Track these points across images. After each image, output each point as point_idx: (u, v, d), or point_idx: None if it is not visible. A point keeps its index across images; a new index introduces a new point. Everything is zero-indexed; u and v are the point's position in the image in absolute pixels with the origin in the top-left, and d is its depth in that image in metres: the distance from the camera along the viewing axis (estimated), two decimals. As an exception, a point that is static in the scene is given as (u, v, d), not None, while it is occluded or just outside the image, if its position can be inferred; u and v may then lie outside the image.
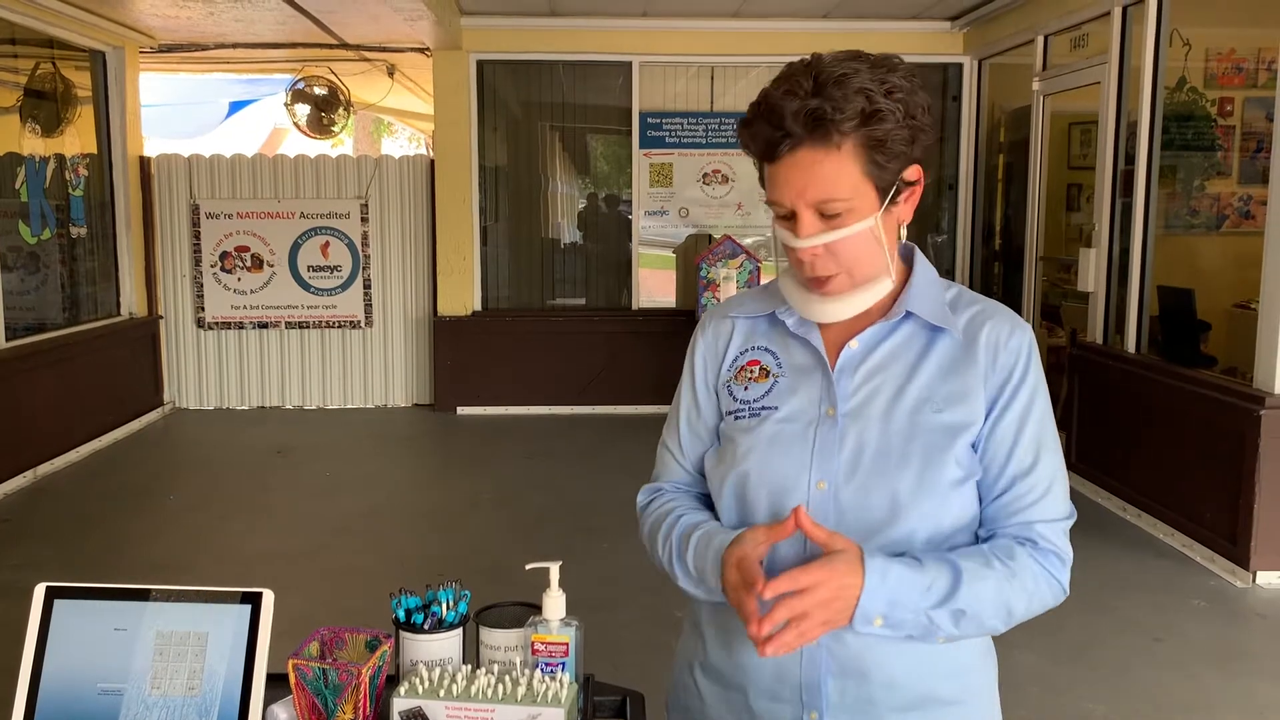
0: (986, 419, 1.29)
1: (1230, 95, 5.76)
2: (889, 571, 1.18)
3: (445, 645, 1.40)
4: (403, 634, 1.41)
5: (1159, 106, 5.36)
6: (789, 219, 1.26)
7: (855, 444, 1.28)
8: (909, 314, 1.32)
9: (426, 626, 1.40)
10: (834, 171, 1.22)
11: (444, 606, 1.43)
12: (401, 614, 1.42)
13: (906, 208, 1.30)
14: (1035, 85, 6.63)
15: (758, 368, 1.38)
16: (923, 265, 1.36)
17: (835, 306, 1.30)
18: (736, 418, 1.37)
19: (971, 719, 1.37)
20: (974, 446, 1.29)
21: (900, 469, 1.26)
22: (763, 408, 1.34)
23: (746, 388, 1.38)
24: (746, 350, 1.41)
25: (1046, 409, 1.32)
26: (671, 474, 1.47)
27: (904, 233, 1.34)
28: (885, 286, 1.30)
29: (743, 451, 1.33)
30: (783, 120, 1.21)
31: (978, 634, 1.28)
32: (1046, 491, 1.29)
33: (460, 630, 1.42)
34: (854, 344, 1.32)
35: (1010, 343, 1.30)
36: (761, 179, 1.31)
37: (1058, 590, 1.30)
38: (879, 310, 1.33)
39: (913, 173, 1.28)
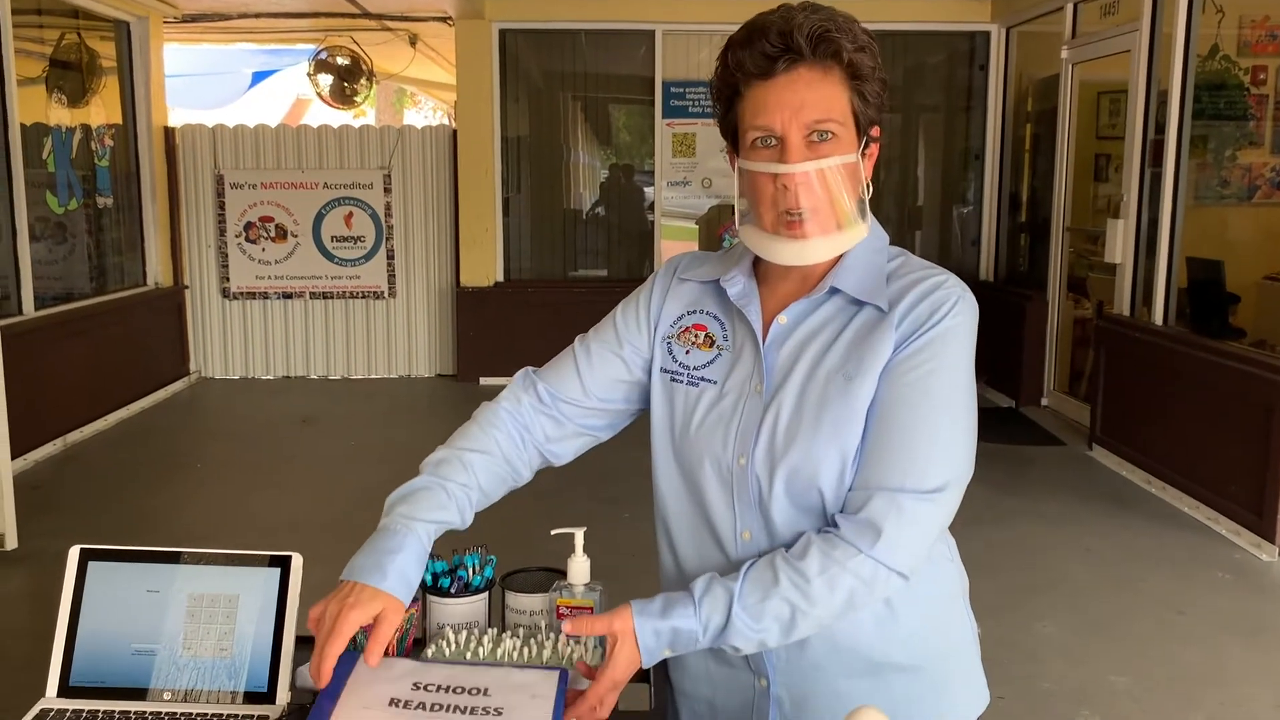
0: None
1: (1264, 63, 5.66)
2: (661, 631, 1.20)
3: (471, 609, 1.41)
4: (430, 598, 1.42)
5: (1190, 75, 5.27)
6: (772, 147, 1.24)
7: (773, 420, 1.27)
8: (835, 289, 1.29)
9: (453, 590, 1.42)
10: (830, 93, 1.23)
11: (470, 571, 1.44)
12: (428, 578, 1.43)
13: (868, 164, 1.28)
14: (1064, 54, 6.54)
15: (704, 334, 1.37)
16: (869, 234, 1.32)
17: (811, 247, 1.25)
18: (674, 379, 1.38)
19: (930, 686, 1.34)
20: None
21: (810, 440, 1.24)
22: (702, 379, 1.35)
23: (688, 351, 1.37)
24: (694, 311, 1.39)
25: (949, 368, 1.24)
26: (562, 382, 1.45)
27: (869, 191, 1.28)
28: (860, 232, 1.26)
29: (680, 416, 1.36)
30: (790, 36, 1.21)
31: (783, 642, 1.22)
32: (905, 454, 1.22)
33: (486, 594, 1.44)
34: (782, 318, 1.31)
35: (927, 300, 1.25)
36: (725, 121, 1.29)
37: (869, 572, 1.19)
38: (813, 280, 1.31)
39: (876, 130, 1.29)
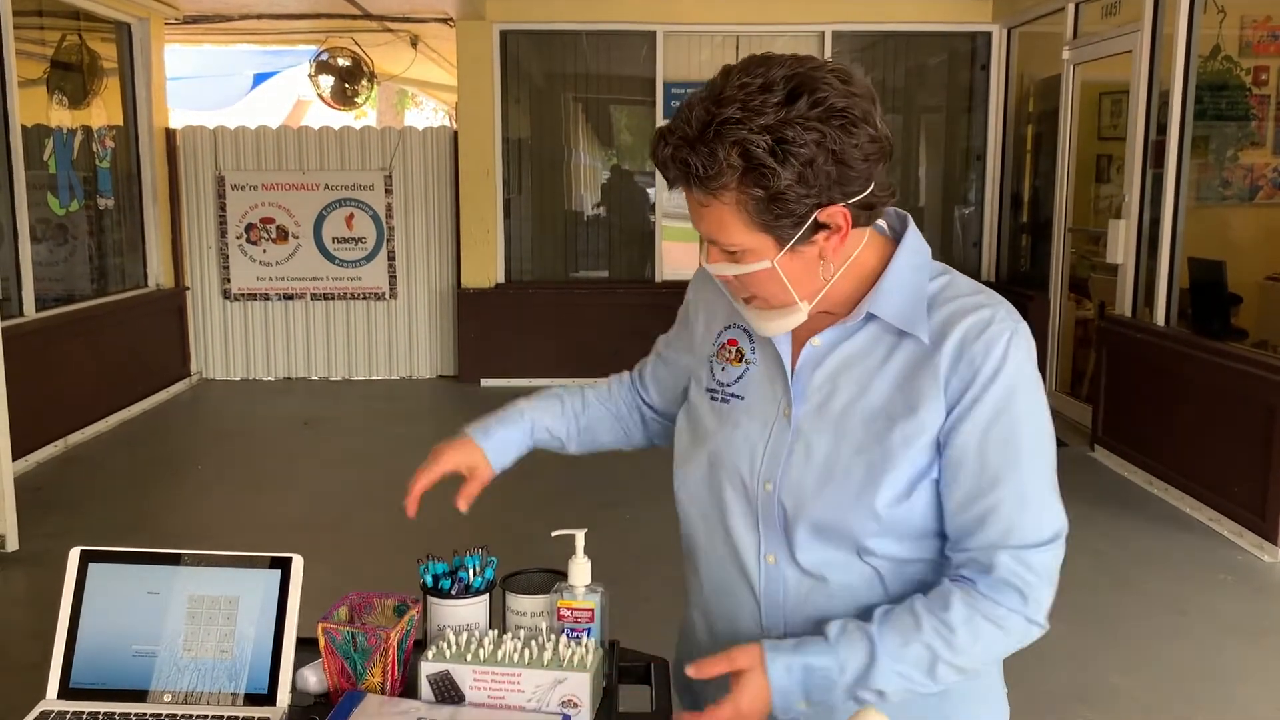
0: (945, 425, 1.17)
1: (1265, 64, 5.66)
2: (793, 667, 1.16)
3: (472, 610, 1.41)
4: (430, 599, 1.42)
5: (1192, 75, 5.26)
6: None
7: (805, 450, 1.22)
8: (871, 315, 1.21)
9: (454, 592, 1.41)
10: (717, 219, 1.14)
11: (471, 572, 1.44)
12: (429, 579, 1.43)
13: (830, 246, 1.15)
14: (1065, 54, 6.54)
15: (735, 349, 1.33)
16: (908, 250, 1.22)
17: (762, 321, 1.23)
18: (711, 397, 1.33)
19: (954, 707, 1.27)
20: (938, 450, 1.18)
21: (844, 481, 1.19)
22: (731, 395, 1.31)
23: (724, 369, 1.33)
24: (730, 326, 1.35)
25: (1029, 415, 1.16)
26: (645, 378, 1.58)
27: (825, 271, 1.19)
28: (801, 315, 1.20)
29: (709, 431, 1.32)
30: (665, 167, 1.15)
31: (923, 688, 1.18)
32: (1016, 512, 1.15)
33: (487, 596, 1.44)
34: (815, 341, 1.24)
35: (979, 340, 1.15)
36: None
37: (1019, 627, 1.16)
38: (846, 306, 1.23)
39: (830, 215, 1.12)
